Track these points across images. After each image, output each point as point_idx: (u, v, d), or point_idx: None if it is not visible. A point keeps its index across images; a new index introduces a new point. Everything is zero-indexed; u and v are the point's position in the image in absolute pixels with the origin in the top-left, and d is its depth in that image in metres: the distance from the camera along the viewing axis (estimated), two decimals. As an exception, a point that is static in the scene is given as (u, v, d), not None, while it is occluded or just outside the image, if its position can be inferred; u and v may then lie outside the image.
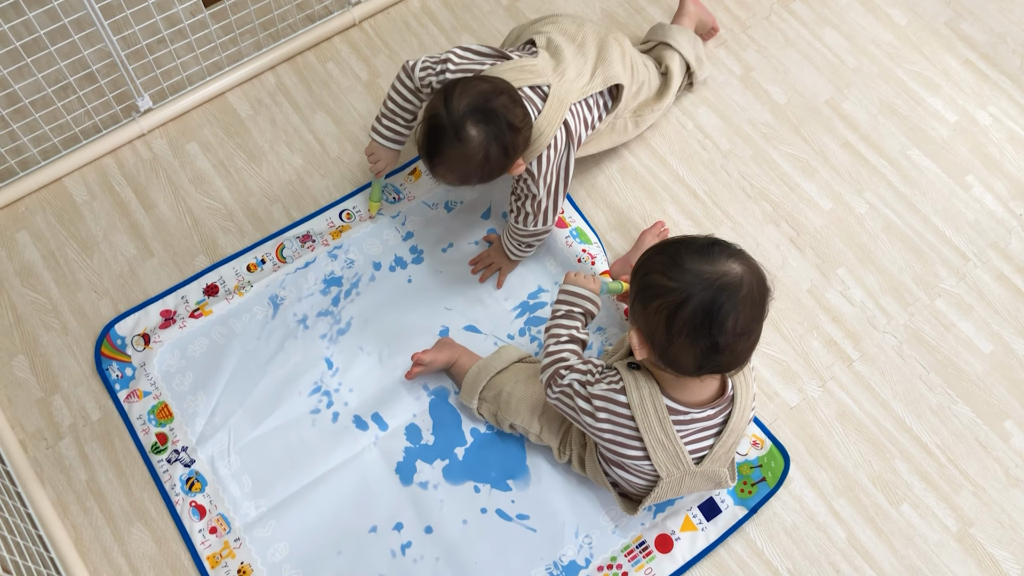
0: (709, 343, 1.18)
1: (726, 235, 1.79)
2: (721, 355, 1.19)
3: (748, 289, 1.17)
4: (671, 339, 1.20)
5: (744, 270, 1.18)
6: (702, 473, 1.39)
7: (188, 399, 1.67)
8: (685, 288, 1.17)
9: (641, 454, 1.35)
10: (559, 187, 1.60)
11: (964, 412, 1.68)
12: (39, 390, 1.68)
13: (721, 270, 1.17)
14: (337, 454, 1.63)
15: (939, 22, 2.08)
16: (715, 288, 1.16)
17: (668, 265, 1.20)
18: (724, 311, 1.16)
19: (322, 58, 2.01)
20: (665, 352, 1.23)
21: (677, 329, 1.18)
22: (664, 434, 1.32)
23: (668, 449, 1.34)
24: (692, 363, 1.21)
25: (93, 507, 1.60)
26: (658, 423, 1.31)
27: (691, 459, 1.36)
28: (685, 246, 1.22)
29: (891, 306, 1.77)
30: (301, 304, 1.75)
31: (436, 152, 1.45)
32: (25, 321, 1.74)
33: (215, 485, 1.61)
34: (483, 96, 1.42)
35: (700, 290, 1.17)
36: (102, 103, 1.89)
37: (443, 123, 1.42)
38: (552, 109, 1.53)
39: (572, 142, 1.58)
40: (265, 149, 1.91)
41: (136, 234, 1.82)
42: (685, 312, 1.17)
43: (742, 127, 1.95)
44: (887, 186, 1.89)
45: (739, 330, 1.18)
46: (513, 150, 1.47)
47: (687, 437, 1.34)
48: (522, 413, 1.56)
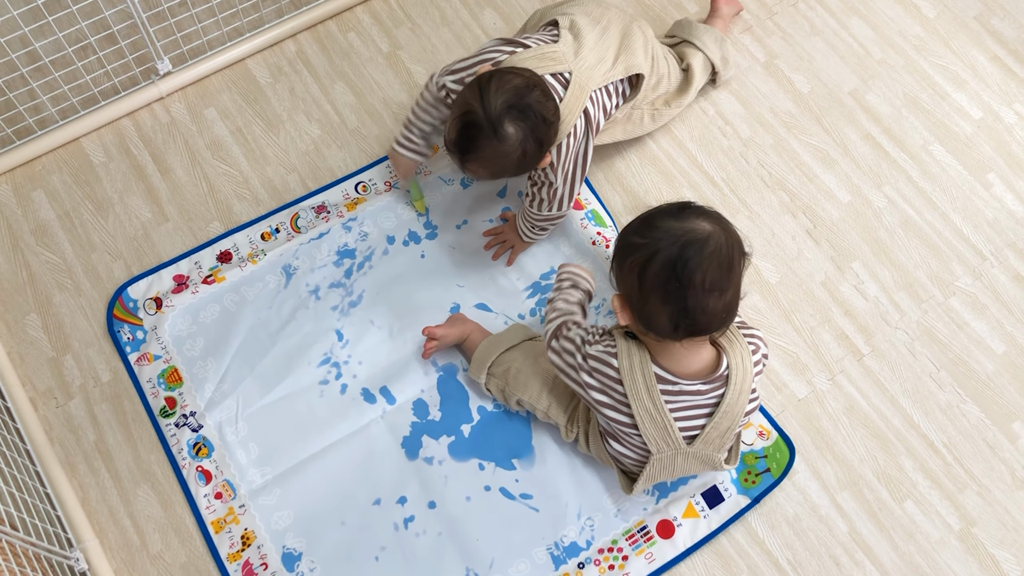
0: (679, 301, 1.20)
1: (742, 224, 1.79)
2: (693, 313, 1.21)
3: (715, 245, 1.20)
4: (644, 297, 1.23)
5: (713, 228, 1.21)
6: (694, 454, 1.39)
7: (198, 364, 1.68)
8: (653, 243, 1.21)
9: (631, 421, 1.36)
10: (576, 174, 1.59)
11: (973, 412, 1.68)
12: (51, 349, 1.69)
13: (689, 226, 1.21)
14: (344, 426, 1.64)
15: (969, 16, 2.05)
16: (681, 243, 1.19)
17: (641, 225, 1.26)
18: (690, 266, 1.18)
19: (344, 28, 2.00)
20: (641, 312, 1.25)
21: (648, 286, 1.22)
22: (652, 403, 1.33)
23: (656, 421, 1.34)
24: (667, 322, 1.23)
25: (100, 467, 1.61)
26: (646, 391, 1.32)
27: (681, 436, 1.36)
28: (660, 209, 1.26)
29: (905, 302, 1.76)
30: (314, 275, 1.75)
31: (472, 149, 1.43)
32: (39, 280, 1.74)
33: (222, 451, 1.62)
34: (518, 92, 1.40)
35: (667, 245, 1.20)
36: (121, 64, 1.88)
37: (479, 120, 1.39)
38: (574, 97, 1.51)
39: (591, 130, 1.57)
40: (283, 118, 1.90)
41: (152, 198, 1.82)
42: (654, 267, 1.20)
43: (763, 115, 1.93)
44: (907, 181, 1.87)
45: (708, 286, 1.19)
46: (548, 144, 1.46)
47: (677, 411, 1.34)
48: (531, 389, 1.56)
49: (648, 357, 1.32)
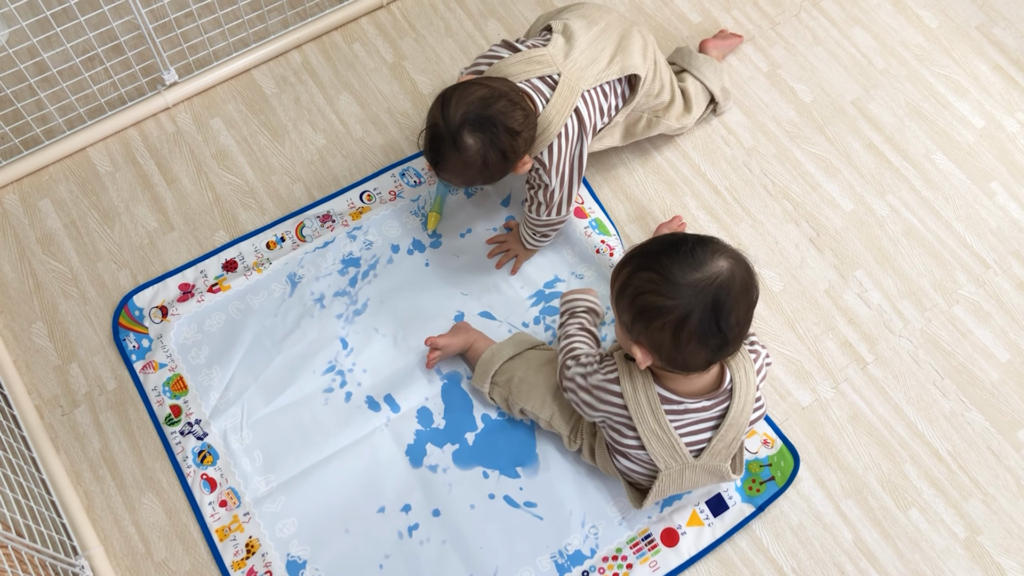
0: (719, 341, 1.21)
1: (746, 232, 1.80)
2: (731, 346, 1.23)
3: (741, 281, 1.20)
4: (680, 348, 1.22)
5: (730, 263, 1.20)
6: (702, 467, 1.39)
7: (203, 372, 1.68)
8: (685, 303, 1.18)
9: (638, 443, 1.37)
10: (572, 176, 1.60)
11: (977, 420, 1.68)
12: (56, 357, 1.70)
13: (712, 272, 1.18)
14: (348, 433, 1.64)
15: (971, 26, 2.06)
16: (712, 294, 1.18)
17: (661, 284, 1.20)
18: (726, 310, 1.19)
19: (348, 38, 2.02)
20: (674, 359, 1.24)
21: (685, 339, 1.20)
22: (657, 424, 1.33)
23: (663, 440, 1.35)
24: (703, 361, 1.24)
25: (106, 475, 1.61)
26: (651, 413, 1.33)
27: (688, 452, 1.36)
28: (670, 258, 1.21)
29: (908, 310, 1.77)
30: (319, 283, 1.76)
31: (439, 160, 1.48)
32: (45, 288, 1.75)
33: (227, 459, 1.62)
34: (479, 103, 1.43)
35: (700, 302, 1.18)
36: (128, 75, 1.90)
37: (441, 132, 1.44)
38: (561, 98, 1.53)
39: (585, 131, 1.58)
40: (288, 127, 1.91)
41: (157, 207, 1.83)
42: (691, 324, 1.19)
43: (766, 124, 1.94)
44: (910, 190, 1.88)
45: (741, 319, 1.21)
46: (513, 153, 1.47)
47: (682, 428, 1.35)
48: (533, 399, 1.57)
49: (651, 379, 1.33)
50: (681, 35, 2.03)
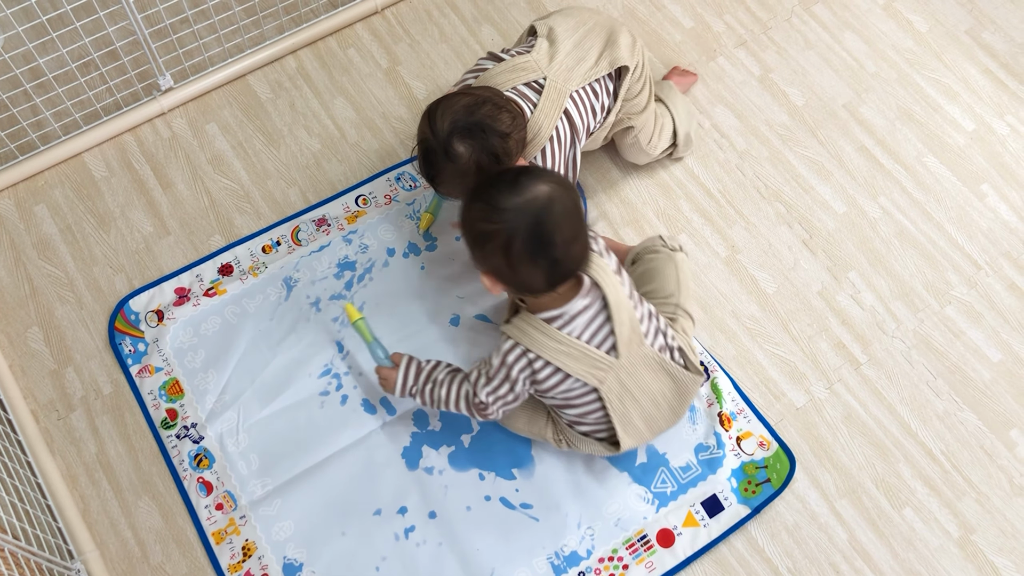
0: (548, 260, 1.30)
1: (739, 235, 1.81)
2: (562, 265, 1.31)
3: (561, 203, 1.29)
4: (515, 269, 1.31)
5: (551, 187, 1.29)
6: (629, 363, 1.41)
7: (199, 376, 1.69)
8: (509, 226, 1.28)
9: (561, 376, 1.40)
10: (568, 178, 1.61)
11: (970, 419, 1.69)
12: (52, 362, 1.70)
13: (531, 196, 1.28)
14: (344, 436, 1.64)
15: (960, 30, 2.08)
16: (533, 215, 1.27)
17: (487, 211, 1.31)
18: (548, 230, 1.28)
19: (343, 44, 2.03)
20: (514, 281, 1.34)
21: (516, 260, 1.30)
22: (558, 342, 1.38)
23: (572, 352, 1.38)
24: (542, 281, 1.33)
25: (102, 479, 1.61)
26: (546, 337, 1.38)
27: (604, 353, 1.40)
28: (496, 187, 1.32)
29: (901, 311, 1.78)
30: (314, 287, 1.76)
31: (434, 173, 1.49)
32: (41, 293, 1.76)
33: (223, 462, 1.62)
34: (465, 111, 1.44)
35: (521, 222, 1.28)
36: (124, 80, 1.90)
37: (432, 145, 1.45)
38: (549, 101, 1.54)
39: (577, 133, 1.59)
40: (284, 132, 1.92)
41: (153, 212, 1.84)
42: (517, 245, 1.28)
43: (759, 128, 1.95)
44: (901, 192, 1.89)
45: (567, 239, 1.29)
46: (505, 155, 1.48)
47: (583, 335, 1.39)
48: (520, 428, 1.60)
49: (531, 317, 1.40)
50: (674, 40, 2.05)
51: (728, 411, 1.66)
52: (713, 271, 1.80)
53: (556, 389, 1.42)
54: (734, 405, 1.67)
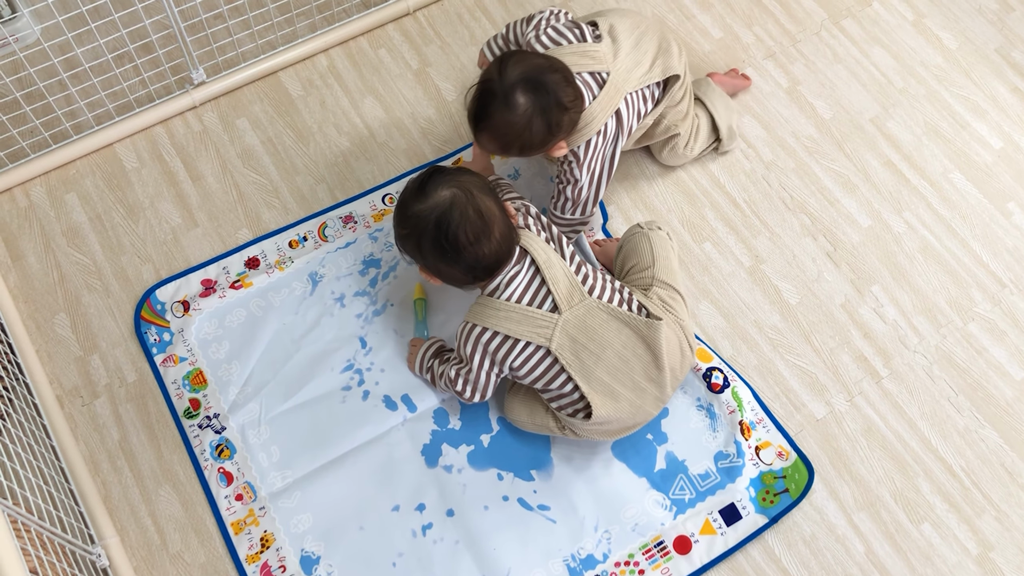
0: (461, 261, 1.40)
1: (763, 245, 1.81)
2: (479, 263, 1.40)
3: (460, 206, 1.37)
4: (436, 267, 1.44)
5: (451, 191, 1.38)
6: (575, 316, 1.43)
7: (223, 367, 1.70)
8: (414, 231, 1.40)
9: (520, 348, 1.44)
10: (602, 176, 1.63)
11: (991, 437, 1.68)
12: (78, 348, 1.71)
13: (432, 203, 1.38)
14: (365, 431, 1.65)
15: (989, 48, 2.08)
16: (434, 222, 1.38)
17: (400, 217, 1.43)
18: (450, 235, 1.37)
19: (375, 44, 2.04)
20: (442, 275, 1.46)
21: (432, 259, 1.42)
22: (497, 310, 1.44)
23: (513, 317, 1.43)
24: (463, 276, 1.43)
25: (123, 466, 1.63)
26: (489, 308, 1.45)
27: (546, 311, 1.43)
28: (408, 196, 1.43)
29: (923, 326, 1.78)
30: (339, 283, 1.77)
31: (484, 116, 1.50)
32: (69, 280, 1.77)
33: (244, 453, 1.63)
34: (537, 69, 1.47)
35: (423, 228, 1.39)
36: (157, 73, 1.92)
37: (494, 88, 1.47)
38: (608, 96, 1.56)
39: (622, 132, 1.61)
40: (313, 129, 1.94)
41: (182, 203, 1.85)
42: (426, 246, 1.40)
43: (786, 139, 1.96)
44: (927, 207, 1.89)
45: (473, 239, 1.37)
46: (557, 127, 1.50)
47: (523, 298, 1.44)
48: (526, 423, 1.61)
49: (479, 296, 1.47)
50: (703, 49, 2.06)
51: (748, 420, 1.66)
52: (736, 280, 1.80)
53: (511, 358, 1.46)
54: (754, 414, 1.67)
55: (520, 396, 1.61)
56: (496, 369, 1.49)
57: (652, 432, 1.66)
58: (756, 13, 2.11)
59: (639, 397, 1.48)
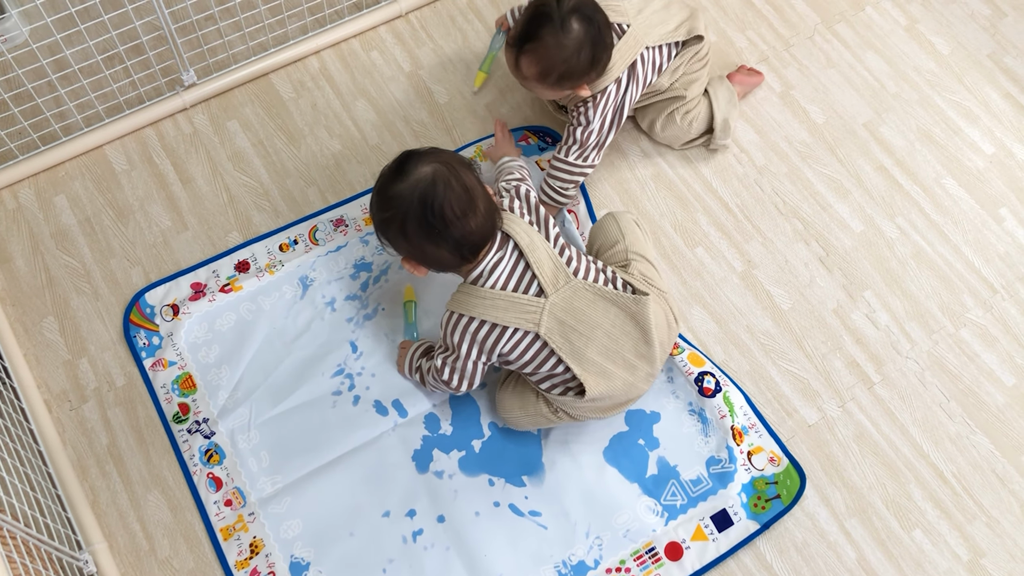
0: (448, 238, 1.36)
1: (755, 250, 1.81)
2: (465, 239, 1.37)
3: (443, 179, 1.35)
4: (421, 250, 1.39)
5: (434, 167, 1.35)
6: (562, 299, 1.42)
7: (212, 372, 1.69)
8: (399, 211, 1.36)
9: (508, 334, 1.43)
10: (611, 126, 1.71)
11: (982, 443, 1.68)
12: (66, 352, 1.70)
13: (413, 179, 1.35)
14: (356, 437, 1.64)
15: (982, 54, 2.08)
16: (418, 197, 1.34)
17: (380, 200, 1.40)
18: (436, 208, 1.34)
19: (366, 46, 2.03)
20: (428, 260, 1.42)
21: (417, 241, 1.37)
22: (483, 298, 1.42)
23: (499, 304, 1.41)
24: (452, 256, 1.39)
25: (112, 471, 1.61)
26: (473, 297, 1.42)
27: (532, 296, 1.42)
28: (387, 179, 1.39)
29: (916, 332, 1.78)
30: (330, 287, 1.77)
31: (534, 36, 1.55)
32: (57, 284, 1.76)
33: (233, 459, 1.62)
34: (591, 5, 1.55)
35: (407, 205, 1.35)
36: (147, 75, 1.91)
37: (551, 11, 1.53)
38: (626, 47, 1.64)
39: (635, 83, 1.68)
40: (305, 132, 1.93)
41: (172, 206, 1.84)
42: (410, 227, 1.36)
43: (778, 144, 1.95)
44: (919, 213, 1.89)
45: (460, 212, 1.35)
46: (597, 63, 1.58)
47: (507, 285, 1.42)
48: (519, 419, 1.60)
49: (462, 284, 1.45)
50: None
51: (740, 425, 1.66)
52: (728, 285, 1.80)
53: (500, 345, 1.44)
54: (746, 419, 1.67)
55: (510, 390, 1.60)
56: (484, 357, 1.48)
57: (644, 437, 1.65)
58: (749, 17, 2.10)
59: (631, 374, 1.48)
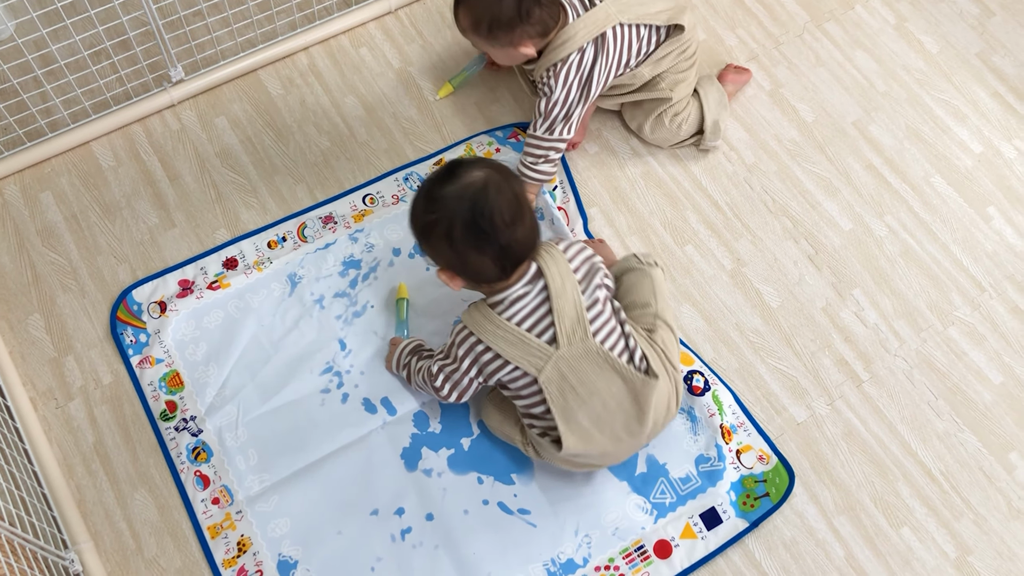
0: (494, 244, 1.32)
1: (745, 248, 1.81)
2: (509, 248, 1.33)
3: (496, 185, 1.31)
4: (463, 258, 1.34)
5: (485, 172, 1.33)
6: (570, 355, 1.39)
7: (200, 369, 1.68)
8: (448, 213, 1.32)
9: (501, 361, 1.41)
10: (576, 101, 1.69)
11: (970, 440, 1.69)
12: (52, 350, 1.69)
13: (465, 182, 1.32)
14: (344, 435, 1.63)
15: (971, 53, 2.09)
16: (469, 199, 1.30)
17: (426, 203, 1.36)
18: (487, 212, 1.30)
19: (356, 43, 2.03)
20: (467, 271, 1.37)
21: (461, 248, 1.33)
22: (496, 327, 1.39)
23: (509, 338, 1.39)
24: (493, 267, 1.35)
25: (98, 470, 1.60)
26: (487, 321, 1.40)
27: (543, 342, 1.39)
28: (434, 182, 1.36)
29: (904, 330, 1.78)
30: (319, 284, 1.76)
31: None
32: (43, 281, 1.75)
33: (221, 457, 1.61)
34: None
35: (457, 207, 1.31)
36: (135, 71, 1.90)
37: None
38: (592, 19, 1.63)
39: (604, 57, 1.66)
40: (293, 129, 1.92)
41: (159, 203, 1.83)
42: (457, 231, 1.31)
43: (768, 142, 1.95)
44: (908, 211, 1.90)
45: (508, 220, 1.31)
46: (526, 15, 1.56)
47: (523, 322, 1.39)
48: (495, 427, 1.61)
49: (480, 303, 1.43)
50: None
51: (729, 424, 1.66)
52: (718, 283, 1.80)
53: (500, 374, 1.43)
54: (735, 418, 1.67)
55: (496, 402, 1.60)
56: (481, 378, 1.47)
57: (633, 436, 1.65)
58: (739, 15, 2.10)
59: (614, 445, 1.47)
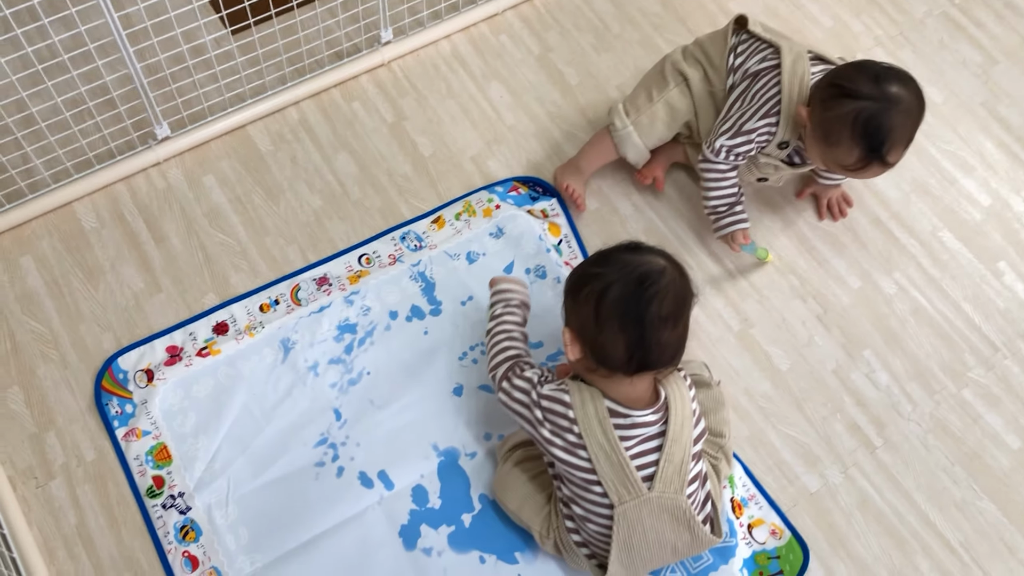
0: (638, 330, 1.23)
1: (751, 308, 1.76)
2: (648, 344, 1.24)
3: (670, 278, 1.26)
4: (600, 327, 1.26)
5: (667, 263, 1.29)
6: (660, 505, 1.33)
7: (189, 442, 1.61)
8: (611, 274, 1.26)
9: (588, 465, 1.32)
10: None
11: (989, 509, 1.63)
12: (33, 425, 1.61)
13: (644, 259, 1.28)
14: (339, 511, 1.56)
15: (975, 102, 2.05)
16: (639, 273, 1.25)
17: (597, 259, 1.32)
18: (648, 295, 1.23)
19: (348, 97, 1.97)
20: (595, 344, 1.27)
21: (605, 315, 1.25)
22: (606, 439, 1.30)
23: (611, 458, 1.30)
24: (623, 352, 1.25)
25: (81, 554, 1.52)
26: (599, 425, 1.30)
27: (639, 476, 1.31)
28: (614, 246, 1.33)
29: (917, 393, 1.73)
30: (313, 350, 1.69)
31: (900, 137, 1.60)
32: (23, 351, 1.67)
33: (210, 536, 1.54)
34: None
35: (624, 275, 1.26)
36: (119, 129, 1.83)
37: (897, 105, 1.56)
38: None
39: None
40: (284, 187, 1.86)
41: (145, 267, 1.76)
42: (612, 294, 1.25)
43: (772, 197, 1.91)
44: (917, 268, 1.85)
45: (664, 315, 1.24)
46: None
47: (630, 448, 1.31)
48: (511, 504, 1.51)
49: (599, 393, 1.32)
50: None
51: (739, 497, 1.60)
52: (725, 345, 1.75)
53: (568, 466, 1.34)
54: (745, 490, 1.61)
55: (519, 481, 1.50)
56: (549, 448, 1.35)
57: (641, 509, 1.59)
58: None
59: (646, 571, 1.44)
